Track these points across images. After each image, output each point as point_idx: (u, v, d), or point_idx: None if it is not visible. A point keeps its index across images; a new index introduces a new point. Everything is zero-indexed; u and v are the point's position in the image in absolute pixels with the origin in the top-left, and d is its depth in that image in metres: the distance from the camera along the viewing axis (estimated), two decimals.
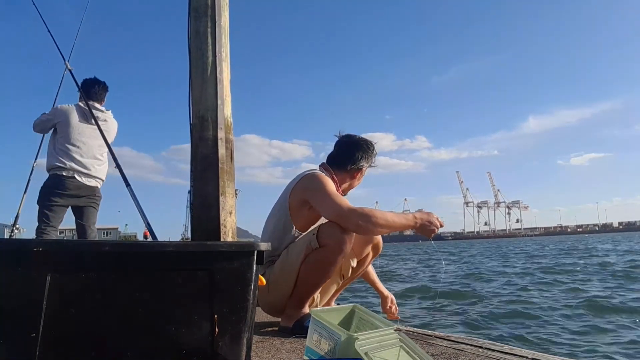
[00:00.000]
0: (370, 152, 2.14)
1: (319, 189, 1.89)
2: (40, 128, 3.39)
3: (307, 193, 1.93)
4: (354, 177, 2.13)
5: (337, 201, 1.82)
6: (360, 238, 2.03)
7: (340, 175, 2.09)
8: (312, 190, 1.91)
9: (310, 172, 2.00)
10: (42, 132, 3.45)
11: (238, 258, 0.96)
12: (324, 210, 1.89)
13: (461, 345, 1.61)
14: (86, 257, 0.89)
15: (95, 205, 3.45)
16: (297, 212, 1.97)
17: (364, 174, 2.17)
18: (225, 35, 1.68)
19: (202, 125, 1.59)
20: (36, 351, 0.83)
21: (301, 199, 1.94)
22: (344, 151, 2.12)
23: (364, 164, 2.12)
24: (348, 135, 2.17)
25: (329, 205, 1.84)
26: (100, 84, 3.50)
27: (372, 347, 1.14)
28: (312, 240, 1.83)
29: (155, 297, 0.91)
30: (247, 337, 0.97)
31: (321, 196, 1.87)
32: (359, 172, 2.13)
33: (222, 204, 1.56)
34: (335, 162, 2.11)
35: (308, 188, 1.94)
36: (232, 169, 1.63)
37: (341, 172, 2.10)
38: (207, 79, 1.61)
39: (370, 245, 2.07)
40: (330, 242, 1.79)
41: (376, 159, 2.18)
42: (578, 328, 4.69)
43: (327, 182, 1.91)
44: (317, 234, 1.83)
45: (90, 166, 3.33)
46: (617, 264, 11.94)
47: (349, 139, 2.15)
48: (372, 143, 2.15)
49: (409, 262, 17.74)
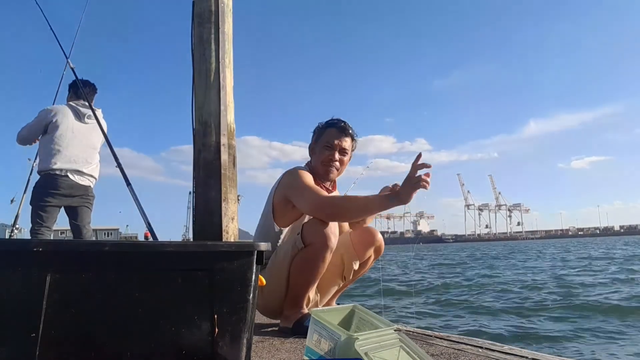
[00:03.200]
0: (317, 127, 2.12)
1: (296, 184, 1.89)
2: (26, 137, 3.34)
3: (287, 191, 1.94)
4: (315, 152, 2.08)
5: (310, 194, 1.82)
6: (362, 241, 2.02)
7: (312, 162, 2.08)
8: (290, 187, 1.92)
9: (289, 170, 2.00)
10: (28, 142, 3.38)
11: (238, 258, 0.96)
12: (300, 205, 1.89)
13: (461, 345, 1.61)
14: (86, 257, 0.89)
15: (89, 205, 3.43)
16: (282, 211, 1.97)
17: (326, 145, 2.03)
18: (228, 42, 1.68)
19: (205, 131, 1.60)
20: (36, 351, 0.83)
21: (284, 198, 1.95)
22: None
23: (315, 137, 2.10)
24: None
25: (304, 200, 1.85)
26: (90, 85, 3.48)
27: (372, 347, 1.14)
28: (297, 240, 1.83)
29: (155, 297, 0.91)
30: (247, 337, 0.97)
31: (298, 192, 1.87)
32: (314, 146, 2.10)
33: (225, 210, 1.57)
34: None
35: (286, 185, 1.95)
36: (234, 175, 1.64)
37: (311, 158, 2.10)
38: (210, 85, 1.61)
39: (373, 248, 2.06)
40: (314, 240, 1.78)
41: (336, 120, 2.09)
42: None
43: (304, 176, 1.90)
44: (301, 234, 1.82)
45: (83, 165, 3.32)
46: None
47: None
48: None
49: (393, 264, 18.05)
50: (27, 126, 3.32)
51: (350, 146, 2.10)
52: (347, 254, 2.02)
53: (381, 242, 2.07)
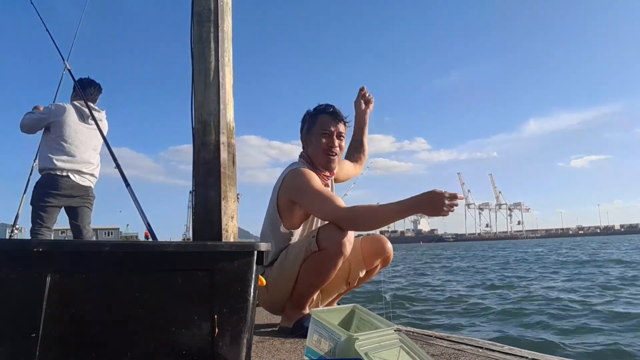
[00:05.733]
0: (306, 115, 2.08)
1: (304, 188, 1.84)
2: (30, 127, 3.27)
3: (293, 195, 1.89)
4: (311, 142, 2.03)
5: (324, 202, 1.79)
6: (371, 250, 2.00)
7: (309, 152, 2.04)
8: (297, 191, 1.88)
9: (291, 170, 1.94)
10: (31, 132, 3.31)
11: (238, 258, 0.96)
12: (312, 212, 1.89)
13: (461, 345, 1.61)
14: (86, 257, 0.89)
15: (89, 205, 3.42)
16: (288, 212, 1.93)
17: (323, 133, 1.99)
18: (227, 40, 1.68)
19: (205, 130, 1.60)
20: (36, 351, 0.83)
21: (289, 200, 1.91)
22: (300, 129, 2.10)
23: (306, 126, 2.06)
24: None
25: (317, 207, 1.83)
26: (95, 85, 3.47)
27: (372, 347, 1.14)
28: (311, 242, 1.80)
29: (155, 297, 0.91)
30: (247, 337, 0.97)
31: (308, 197, 1.84)
32: (307, 136, 2.05)
33: (224, 208, 1.57)
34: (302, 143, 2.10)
35: (292, 188, 1.89)
36: (234, 174, 1.64)
37: (306, 149, 2.07)
38: (210, 83, 1.61)
39: (381, 259, 2.04)
40: (329, 246, 1.75)
41: (325, 106, 2.05)
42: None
43: (311, 179, 1.86)
44: (316, 237, 1.79)
45: (84, 166, 3.31)
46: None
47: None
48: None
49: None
50: (30, 117, 3.27)
51: (345, 130, 2.06)
52: (355, 261, 1.99)
53: (390, 252, 2.04)
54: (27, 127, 3.28)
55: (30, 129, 3.29)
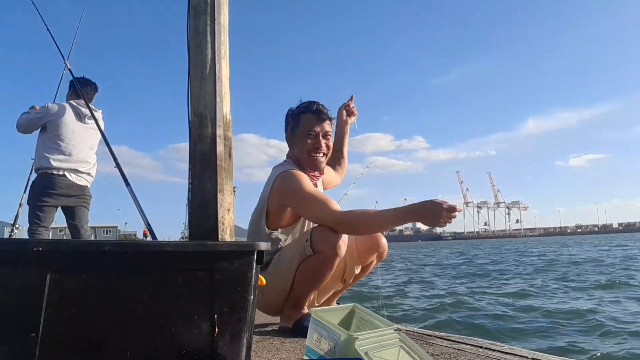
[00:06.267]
0: (288, 115, 2.04)
1: (297, 192, 1.82)
2: (26, 127, 3.25)
3: (286, 198, 1.87)
4: (296, 143, 1.99)
5: (319, 206, 1.77)
6: (366, 246, 2.00)
7: (295, 153, 2.01)
8: (289, 194, 1.85)
9: (282, 173, 1.90)
10: (28, 132, 3.28)
11: (238, 258, 0.96)
12: (306, 216, 1.88)
13: (461, 345, 1.62)
14: (86, 257, 0.88)
15: (86, 204, 3.41)
16: (277, 215, 1.91)
17: (307, 134, 1.96)
18: (224, 33, 1.68)
19: (201, 123, 1.60)
20: (36, 351, 0.83)
21: (280, 203, 1.89)
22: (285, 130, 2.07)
23: (290, 127, 2.02)
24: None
25: (312, 213, 1.82)
26: (91, 84, 3.46)
27: (372, 347, 1.14)
28: (305, 247, 1.78)
29: (155, 297, 0.91)
30: (247, 337, 0.97)
31: (303, 202, 1.82)
32: (291, 136, 2.02)
33: (220, 201, 1.56)
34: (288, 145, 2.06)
35: (283, 191, 1.87)
36: (230, 167, 1.63)
37: (292, 149, 2.04)
38: (206, 76, 1.61)
39: (376, 254, 2.04)
40: (324, 249, 1.74)
41: (307, 103, 2.01)
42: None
43: (303, 182, 1.83)
44: (310, 240, 1.77)
45: (81, 165, 3.30)
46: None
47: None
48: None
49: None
50: (27, 117, 3.25)
51: (330, 128, 2.02)
52: (350, 258, 1.99)
53: (385, 248, 2.04)
54: (23, 127, 3.26)
55: (26, 128, 3.27)
